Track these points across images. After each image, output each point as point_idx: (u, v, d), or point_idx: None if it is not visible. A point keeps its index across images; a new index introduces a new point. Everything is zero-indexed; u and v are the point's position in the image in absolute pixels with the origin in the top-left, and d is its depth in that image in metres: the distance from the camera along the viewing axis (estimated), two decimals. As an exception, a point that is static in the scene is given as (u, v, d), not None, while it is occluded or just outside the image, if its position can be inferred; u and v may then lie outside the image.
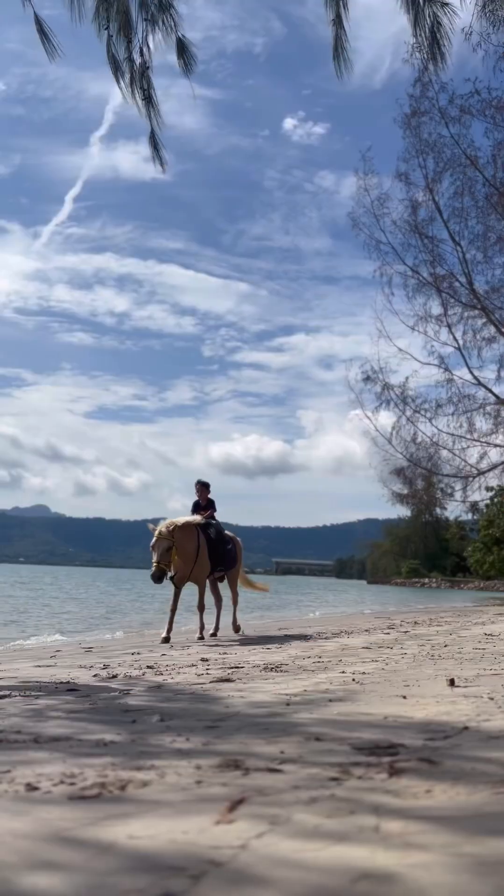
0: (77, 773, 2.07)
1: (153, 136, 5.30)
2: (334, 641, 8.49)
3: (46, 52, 4.87)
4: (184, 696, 4.03)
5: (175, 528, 9.40)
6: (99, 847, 1.41)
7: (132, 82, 5.11)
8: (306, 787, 1.87)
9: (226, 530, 10.60)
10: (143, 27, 4.91)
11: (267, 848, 1.39)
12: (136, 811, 1.67)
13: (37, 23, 4.84)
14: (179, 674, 5.30)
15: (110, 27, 4.89)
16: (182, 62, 5.07)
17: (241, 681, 4.67)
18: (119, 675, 5.37)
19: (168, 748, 2.47)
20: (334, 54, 4.86)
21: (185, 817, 1.61)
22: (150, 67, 5.06)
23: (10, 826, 1.57)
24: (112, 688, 4.51)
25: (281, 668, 5.46)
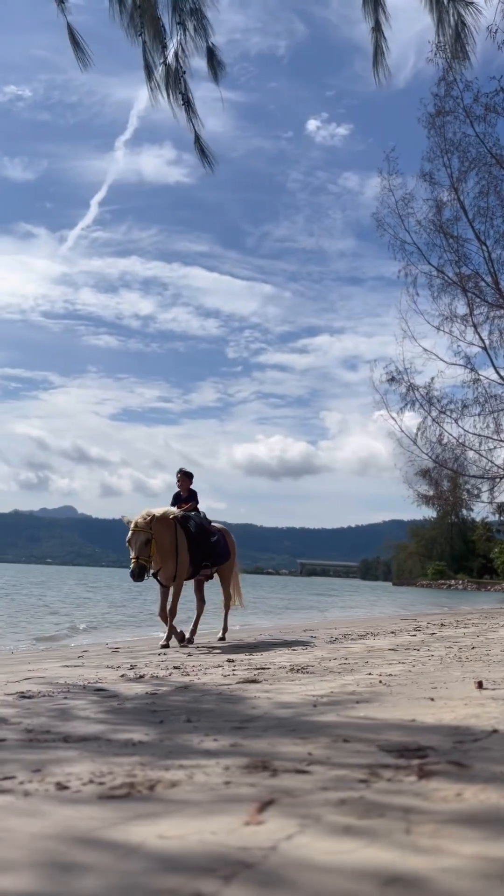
0: (106, 772, 2.08)
1: (198, 140, 5.31)
2: (360, 643, 8.46)
3: (78, 59, 4.93)
4: (210, 696, 4.04)
5: (153, 518, 8.60)
6: (128, 847, 1.42)
7: (168, 88, 5.14)
8: (335, 789, 1.86)
9: (213, 522, 9.81)
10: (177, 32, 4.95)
11: (297, 850, 1.39)
12: (165, 811, 1.68)
13: (69, 32, 4.91)
14: (206, 674, 5.31)
15: (145, 33, 4.93)
16: (211, 69, 5.09)
17: (268, 682, 4.67)
18: (146, 675, 5.39)
19: (196, 748, 2.47)
20: (374, 62, 4.83)
21: (215, 818, 1.61)
22: (186, 72, 5.09)
23: (41, 825, 1.58)
24: (139, 688, 4.53)
25: (307, 669, 5.45)
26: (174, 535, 8.83)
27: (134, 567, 8.43)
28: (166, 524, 8.76)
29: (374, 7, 4.77)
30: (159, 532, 8.61)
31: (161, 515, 8.70)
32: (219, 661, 6.51)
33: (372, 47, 4.83)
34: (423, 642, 8.37)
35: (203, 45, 5.00)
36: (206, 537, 9.29)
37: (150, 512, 8.64)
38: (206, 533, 9.33)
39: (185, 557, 8.90)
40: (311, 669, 5.43)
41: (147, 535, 8.47)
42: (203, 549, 9.21)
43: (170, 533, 8.78)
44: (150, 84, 5.13)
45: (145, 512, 8.64)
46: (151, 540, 8.48)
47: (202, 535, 9.21)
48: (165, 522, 8.75)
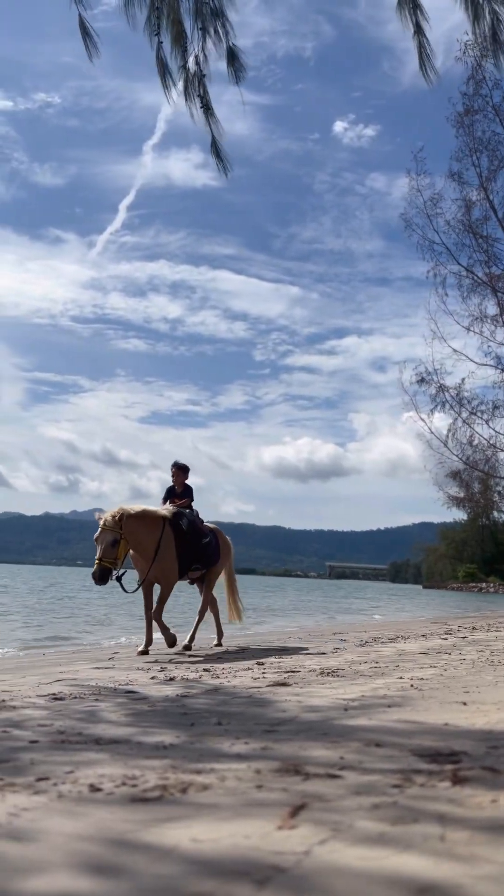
0: (138, 774, 2.09)
1: (214, 143, 5.34)
2: (391, 646, 8.40)
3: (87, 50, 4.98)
4: (240, 699, 4.04)
5: (124, 516, 7.77)
6: (162, 850, 1.42)
7: (188, 91, 5.17)
8: (367, 794, 1.85)
9: (206, 522, 9.14)
10: (198, 36, 4.97)
11: (330, 855, 1.38)
12: (197, 814, 1.68)
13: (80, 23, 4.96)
14: (236, 677, 5.31)
15: (161, 35, 4.97)
16: (232, 70, 5.11)
17: (298, 685, 4.65)
18: (176, 677, 5.41)
19: (227, 752, 2.47)
20: (420, 64, 4.81)
21: (247, 821, 1.61)
22: (206, 76, 5.11)
23: (75, 827, 1.59)
24: (169, 690, 4.55)
25: (337, 672, 5.42)
26: (158, 535, 8.08)
27: (95, 569, 7.69)
28: (148, 522, 8.04)
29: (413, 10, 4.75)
30: (136, 531, 7.86)
31: (138, 513, 7.93)
32: (248, 664, 6.51)
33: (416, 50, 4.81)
34: (454, 646, 8.29)
35: (224, 47, 5.02)
36: (198, 538, 8.59)
37: (122, 509, 7.86)
38: (197, 533, 8.62)
39: (172, 559, 8.18)
40: (341, 673, 5.40)
41: (115, 534, 7.71)
42: (193, 549, 8.48)
43: (152, 532, 8.05)
44: (165, 85, 5.16)
45: (118, 508, 7.86)
46: (120, 540, 7.72)
47: (194, 535, 8.49)
48: (147, 520, 8.03)
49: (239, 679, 5.16)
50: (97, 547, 7.72)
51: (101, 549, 7.67)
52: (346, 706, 3.59)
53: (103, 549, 7.67)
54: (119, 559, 7.75)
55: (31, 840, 1.50)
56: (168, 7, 4.88)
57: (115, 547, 7.68)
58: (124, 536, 7.73)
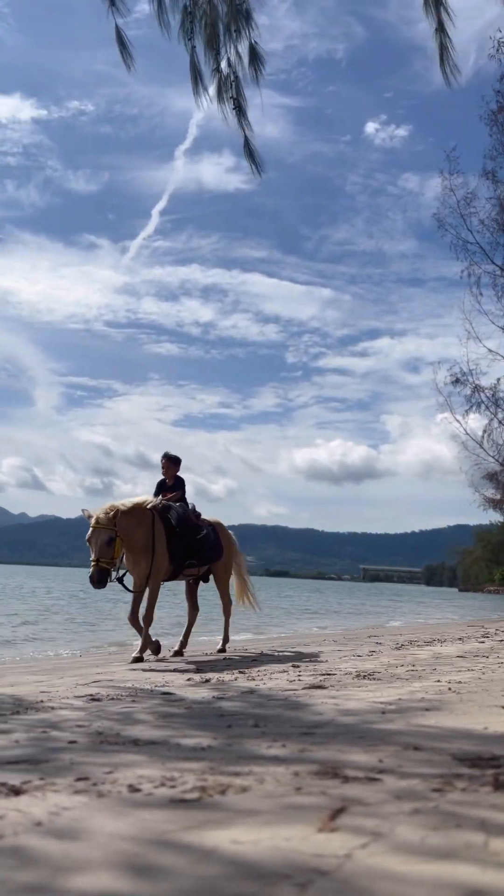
0: (177, 776, 2.10)
1: (247, 145, 5.36)
2: (427, 650, 8.32)
3: (124, 60, 5.04)
4: (276, 701, 4.03)
5: (118, 512, 7.26)
6: (202, 851, 1.42)
7: (220, 93, 5.20)
8: (408, 799, 1.83)
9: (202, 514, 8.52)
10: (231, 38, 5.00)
11: (372, 859, 1.37)
12: (237, 816, 1.68)
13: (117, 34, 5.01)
14: (271, 679, 5.30)
15: (195, 39, 5.00)
16: (253, 71, 5.12)
17: (334, 688, 4.63)
18: (212, 679, 5.42)
19: (265, 754, 2.47)
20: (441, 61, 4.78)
21: (287, 824, 1.60)
22: (238, 77, 5.14)
23: (115, 827, 1.60)
24: (205, 692, 4.55)
25: (373, 675, 5.38)
26: (150, 530, 7.59)
27: (93, 571, 7.12)
28: (138, 517, 7.53)
29: (437, 7, 4.72)
30: (128, 528, 7.37)
31: (129, 508, 7.44)
32: (283, 666, 6.49)
33: (437, 48, 4.78)
34: (492, 649, 8.18)
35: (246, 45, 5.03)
36: (189, 531, 8.00)
37: (114, 505, 7.34)
38: (189, 526, 8.03)
39: (162, 554, 7.66)
40: (377, 676, 5.36)
41: (110, 532, 7.18)
42: (186, 544, 7.90)
43: (144, 527, 7.56)
44: (197, 90, 5.19)
45: (108, 505, 7.33)
46: (115, 538, 7.20)
47: (184, 529, 7.92)
48: (137, 515, 7.52)
49: (274, 681, 5.15)
50: (90, 548, 7.19)
51: (97, 549, 7.13)
52: (383, 709, 3.56)
53: (99, 549, 7.13)
54: (116, 558, 7.29)
55: (73, 839, 1.51)
56: (201, 11, 4.92)
57: (110, 546, 7.17)
58: (119, 534, 7.24)
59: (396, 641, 9.99)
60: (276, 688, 4.73)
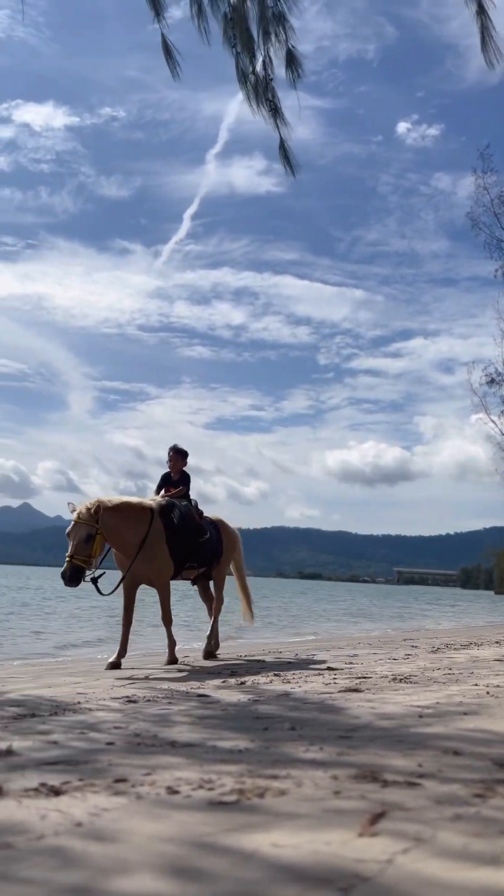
0: (214, 778, 2.10)
1: (283, 146, 5.38)
2: (464, 653, 8.22)
3: (171, 69, 5.11)
4: (312, 705, 4.01)
5: (100, 508, 6.90)
6: (242, 854, 1.42)
7: (257, 96, 5.23)
8: (449, 804, 1.80)
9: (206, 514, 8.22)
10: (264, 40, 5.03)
11: (413, 865, 1.35)
12: (276, 820, 1.67)
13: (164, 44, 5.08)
14: (306, 682, 5.28)
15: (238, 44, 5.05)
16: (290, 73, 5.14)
17: (370, 691, 4.60)
18: (247, 682, 5.41)
19: (302, 757, 2.45)
20: (482, 46, 4.72)
21: (327, 828, 1.59)
22: (273, 79, 5.16)
23: (155, 829, 1.60)
24: (240, 695, 4.55)
25: (410, 679, 5.33)
26: (146, 528, 7.22)
27: (65, 567, 6.75)
28: (132, 515, 7.18)
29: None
30: (115, 526, 7.02)
31: (116, 505, 7.09)
32: (318, 669, 6.47)
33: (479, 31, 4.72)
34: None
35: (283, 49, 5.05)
36: (193, 533, 7.65)
37: (99, 501, 7.02)
38: (191, 526, 7.66)
39: (163, 554, 7.28)
40: (414, 679, 5.31)
41: (89, 528, 6.82)
42: (187, 545, 7.56)
43: (137, 525, 7.20)
44: (246, 93, 5.23)
45: (95, 500, 7.02)
46: (95, 535, 6.84)
47: (186, 529, 7.56)
48: (129, 513, 7.17)
49: (309, 684, 5.13)
50: (69, 543, 6.83)
51: (73, 545, 6.78)
52: (420, 713, 3.52)
53: (75, 545, 6.77)
54: (93, 557, 6.88)
55: (113, 840, 1.51)
56: (236, 14, 4.95)
57: (89, 543, 6.80)
58: (100, 531, 6.87)
59: (432, 645, 9.90)
60: (311, 691, 4.71)
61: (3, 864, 1.36)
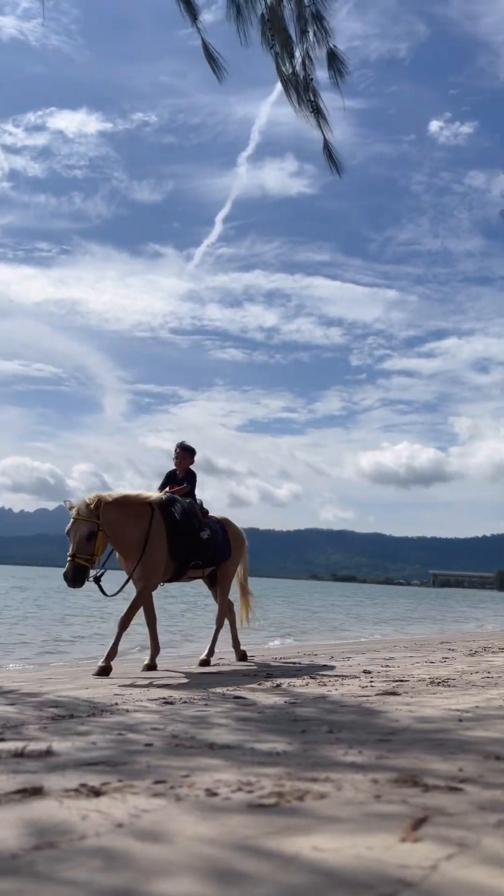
0: (254, 781, 2.09)
1: (326, 146, 5.38)
2: (502, 656, 8.11)
3: (214, 72, 5.16)
4: (350, 708, 3.98)
5: (101, 503, 6.59)
6: (284, 858, 1.41)
7: (299, 96, 5.24)
8: (492, 810, 1.77)
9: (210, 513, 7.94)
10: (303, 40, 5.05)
11: (459, 871, 1.33)
12: (316, 823, 1.66)
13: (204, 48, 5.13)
14: (343, 685, 5.25)
15: (276, 45, 5.07)
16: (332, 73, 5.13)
17: (408, 694, 4.55)
18: (282, 684, 5.40)
19: (341, 761, 2.43)
20: None
21: (368, 833, 1.57)
22: (313, 79, 5.18)
23: (196, 830, 1.60)
24: (276, 697, 4.54)
25: (448, 682, 5.27)
26: (146, 525, 6.90)
27: (67, 567, 6.41)
28: (132, 511, 6.85)
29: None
30: (116, 522, 6.68)
31: (116, 500, 6.76)
32: (355, 672, 6.43)
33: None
34: None
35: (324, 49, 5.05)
36: (193, 528, 7.32)
37: (99, 496, 6.68)
38: (193, 523, 7.35)
39: (161, 551, 6.94)
40: (452, 683, 5.25)
41: (91, 525, 6.50)
42: (189, 542, 7.21)
43: (139, 522, 6.87)
44: (288, 94, 5.24)
45: (94, 495, 6.68)
46: (98, 532, 6.51)
47: (188, 526, 7.23)
48: (130, 509, 6.83)
49: (346, 687, 5.10)
50: (69, 542, 6.49)
51: (74, 543, 6.44)
52: (459, 717, 3.48)
53: (77, 543, 6.43)
54: (96, 555, 6.56)
55: (155, 841, 1.51)
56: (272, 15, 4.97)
57: (91, 540, 6.47)
58: (102, 528, 6.55)
59: (469, 648, 9.78)
60: (348, 694, 4.68)
61: (46, 863, 1.37)
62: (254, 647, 11.68)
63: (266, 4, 5.10)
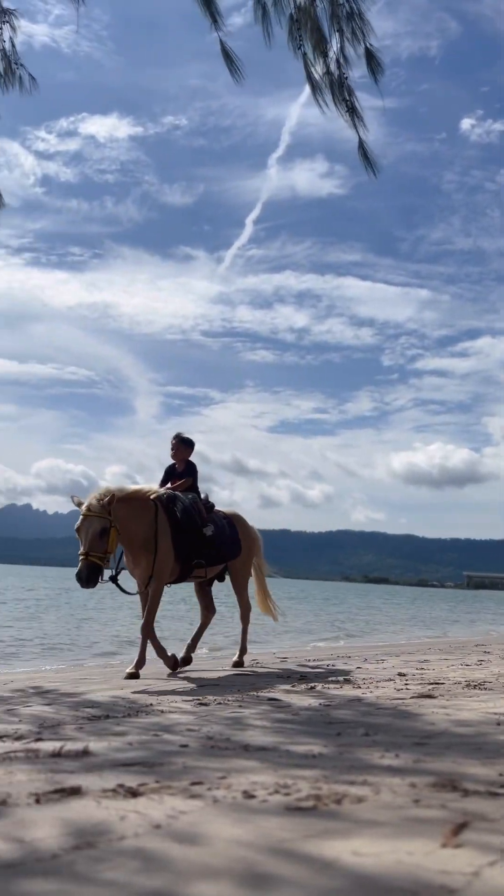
0: (290, 783, 2.08)
1: (362, 146, 5.36)
2: (540, 659, 7.98)
3: (232, 74, 5.16)
4: (385, 710, 3.95)
5: (113, 498, 6.21)
6: (323, 862, 1.39)
7: (334, 96, 5.22)
8: (534, 816, 1.74)
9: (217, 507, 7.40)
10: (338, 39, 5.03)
11: (502, 878, 1.30)
12: (354, 827, 1.64)
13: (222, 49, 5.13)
14: (378, 688, 5.21)
15: (304, 45, 5.06)
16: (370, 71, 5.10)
17: (444, 697, 4.50)
18: (316, 686, 5.37)
19: (378, 764, 2.41)
20: None
21: (408, 838, 1.55)
22: (348, 77, 5.16)
23: (233, 833, 1.59)
24: (311, 699, 4.52)
25: (484, 685, 5.20)
26: (153, 522, 6.54)
27: (81, 566, 6.03)
28: (138, 508, 6.51)
29: None
30: (125, 519, 6.33)
31: (128, 495, 6.43)
32: (389, 674, 6.37)
33: None
34: None
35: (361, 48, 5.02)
36: (196, 526, 6.88)
37: (109, 490, 6.32)
38: (195, 520, 6.90)
39: (166, 552, 6.59)
40: (488, 686, 5.18)
41: (103, 522, 6.14)
42: (191, 540, 6.80)
43: (146, 518, 6.53)
44: (316, 95, 5.22)
45: (104, 489, 6.32)
46: (110, 529, 6.16)
47: (190, 523, 6.82)
48: (137, 506, 6.50)
49: (381, 690, 5.06)
50: (79, 540, 6.14)
51: (87, 541, 6.07)
52: (498, 720, 3.43)
53: (89, 540, 6.07)
54: (109, 553, 6.21)
55: (192, 843, 1.51)
56: (305, 15, 4.96)
57: (104, 538, 6.11)
58: (114, 525, 6.21)
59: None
60: (383, 696, 4.64)
61: (86, 864, 1.37)
62: (288, 649, 11.66)
63: (295, 4, 5.09)
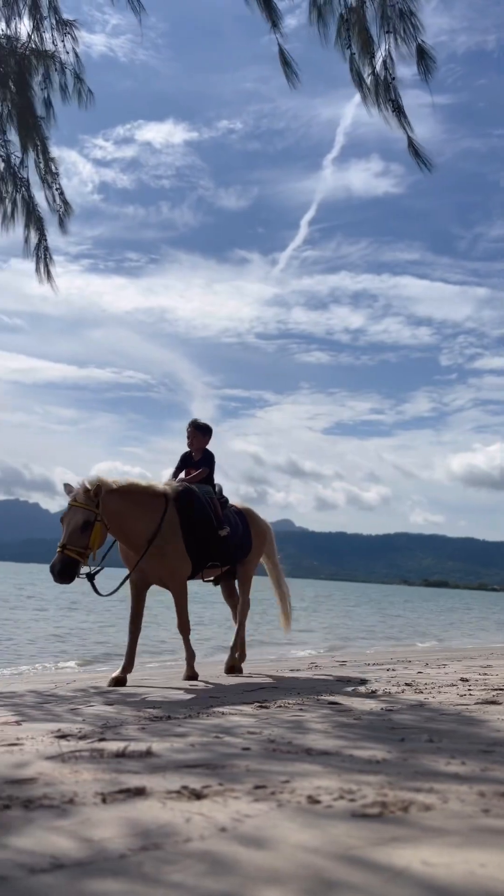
0: (355, 789, 2.05)
1: (411, 144, 5.32)
2: None
3: (288, 78, 5.17)
4: (448, 716, 3.87)
5: (101, 489, 5.80)
6: (392, 871, 1.37)
7: (379, 96, 5.20)
8: None
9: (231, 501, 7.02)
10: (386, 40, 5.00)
11: None
12: (423, 836, 1.61)
13: (280, 53, 5.15)
14: (440, 693, 5.12)
15: (352, 46, 5.05)
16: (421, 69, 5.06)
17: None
18: (378, 691, 5.31)
19: (444, 771, 2.36)
20: None
21: (479, 848, 1.51)
22: (395, 78, 5.13)
23: (299, 839, 1.57)
24: (372, 704, 4.46)
25: (552, 692, 5.06)
26: (158, 518, 6.12)
27: (55, 559, 5.64)
28: (141, 501, 6.12)
29: None
30: (119, 513, 5.94)
31: (128, 487, 6.06)
32: (451, 679, 6.26)
33: None
34: None
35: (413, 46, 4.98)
36: (210, 526, 6.44)
37: (100, 480, 5.89)
38: (211, 521, 6.46)
39: (178, 550, 6.20)
40: None
41: (87, 514, 5.72)
42: (205, 539, 6.39)
43: (148, 514, 6.11)
44: (363, 94, 5.20)
45: (95, 479, 5.87)
46: (94, 522, 5.73)
47: (205, 520, 6.40)
48: (139, 499, 6.11)
49: (443, 695, 4.97)
50: (62, 530, 5.75)
51: (67, 532, 5.68)
52: None
53: (69, 532, 5.67)
54: (91, 549, 5.74)
55: (259, 847, 1.50)
56: (354, 16, 4.95)
57: (85, 531, 5.69)
58: (100, 518, 5.78)
59: None
60: (446, 702, 4.55)
61: (154, 865, 1.38)
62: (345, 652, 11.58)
63: (346, 5, 5.06)
